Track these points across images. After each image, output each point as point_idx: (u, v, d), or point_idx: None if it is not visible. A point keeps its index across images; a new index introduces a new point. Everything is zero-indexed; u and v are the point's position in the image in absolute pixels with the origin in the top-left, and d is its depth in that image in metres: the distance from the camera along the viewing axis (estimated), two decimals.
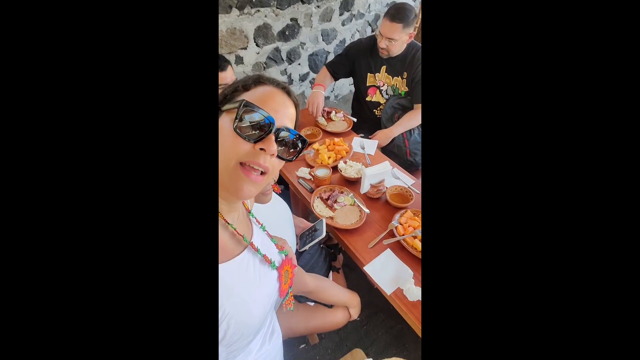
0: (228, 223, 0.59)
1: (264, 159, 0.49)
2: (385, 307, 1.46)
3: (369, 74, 1.64)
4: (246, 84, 0.54)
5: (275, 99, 0.53)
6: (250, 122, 0.49)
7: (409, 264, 1.01)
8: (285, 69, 2.51)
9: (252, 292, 0.58)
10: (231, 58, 2.22)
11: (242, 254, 0.60)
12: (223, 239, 0.57)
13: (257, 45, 2.26)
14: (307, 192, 1.28)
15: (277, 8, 2.19)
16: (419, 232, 1.06)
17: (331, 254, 1.18)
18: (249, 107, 0.49)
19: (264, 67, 2.39)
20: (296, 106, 0.57)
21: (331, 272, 1.15)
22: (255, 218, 0.70)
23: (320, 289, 0.95)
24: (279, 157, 0.51)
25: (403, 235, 1.07)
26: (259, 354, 0.68)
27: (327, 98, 3.01)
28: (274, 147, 0.49)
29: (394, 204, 1.18)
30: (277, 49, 2.36)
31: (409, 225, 1.09)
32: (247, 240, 0.62)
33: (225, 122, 0.50)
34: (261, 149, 0.49)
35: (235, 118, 0.48)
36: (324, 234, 1.05)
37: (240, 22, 2.11)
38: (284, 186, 1.49)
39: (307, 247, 1.06)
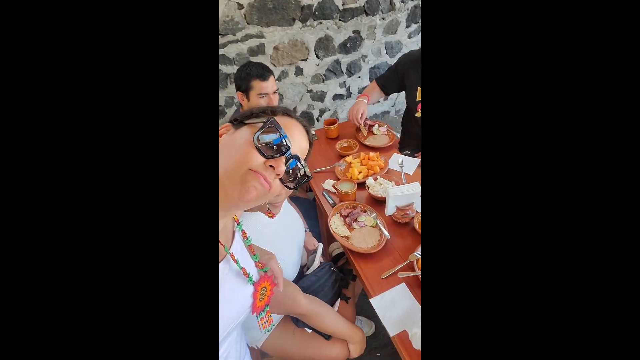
0: None
1: (270, 175, 0.52)
2: None
3: (419, 87, 1.49)
4: (274, 111, 0.59)
5: (295, 131, 0.58)
6: (269, 140, 0.52)
7: None
8: (345, 82, 2.48)
9: (220, 304, 0.55)
10: (291, 69, 2.29)
11: (221, 263, 0.58)
12: None
13: (317, 57, 2.29)
14: (329, 206, 1.20)
15: (339, 20, 2.19)
16: None
17: (343, 279, 1.07)
18: (274, 125, 0.53)
19: (323, 79, 2.40)
20: (310, 144, 0.62)
21: (339, 300, 1.04)
22: (243, 230, 0.67)
23: (314, 314, 0.86)
24: (280, 179, 0.54)
25: None
26: None
27: (387, 113, 2.88)
28: (282, 168, 0.52)
29: (421, 232, 1.02)
30: (337, 61, 2.36)
31: None
32: (228, 250, 0.59)
33: (244, 134, 0.54)
34: (271, 166, 0.51)
35: (259, 130, 0.52)
36: (315, 263, 0.96)
37: (302, 34, 2.17)
38: (312, 198, 1.44)
39: (308, 272, 0.99)
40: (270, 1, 2.00)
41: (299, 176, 0.57)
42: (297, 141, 0.57)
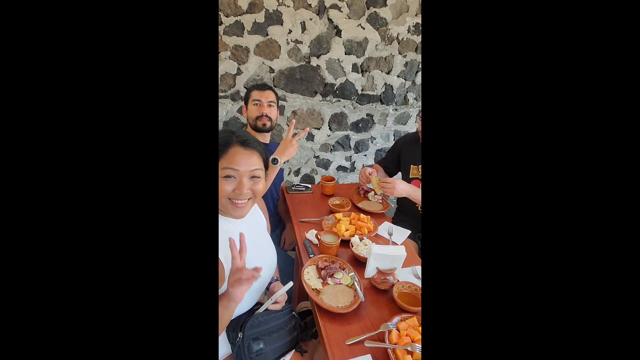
0: None
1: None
2: None
3: (412, 165, 1.54)
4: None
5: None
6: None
7: None
8: (351, 156, 2.60)
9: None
10: (303, 134, 2.44)
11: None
12: None
13: (330, 129, 2.45)
14: (307, 256, 1.12)
15: (356, 102, 2.41)
16: (417, 348, 0.76)
17: (303, 330, 0.93)
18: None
19: (331, 149, 2.52)
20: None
21: (293, 350, 0.88)
22: None
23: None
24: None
25: (395, 344, 0.78)
26: None
27: None
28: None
29: (400, 303, 0.91)
30: (347, 137, 2.51)
31: (408, 334, 0.80)
32: None
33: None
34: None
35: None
36: (270, 304, 0.87)
37: (320, 106, 2.36)
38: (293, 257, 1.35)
39: (261, 309, 0.87)
40: (299, 73, 2.25)
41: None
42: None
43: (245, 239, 0.77)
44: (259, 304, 0.92)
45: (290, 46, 2.17)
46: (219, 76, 2.19)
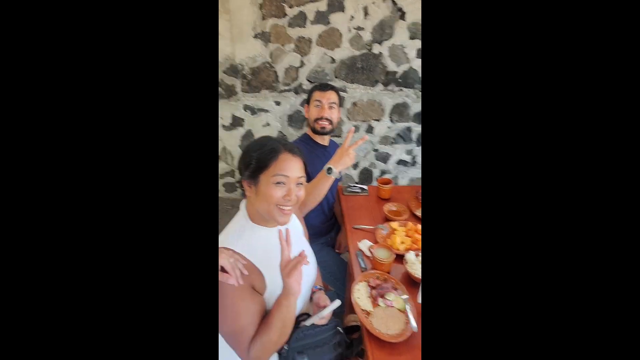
0: None
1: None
2: None
3: None
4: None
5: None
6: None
7: None
8: (412, 150, 2.43)
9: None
10: (363, 126, 2.34)
11: None
12: None
13: (391, 120, 2.32)
14: (359, 269, 1.08)
15: (420, 91, 2.22)
16: None
17: (349, 346, 0.91)
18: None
19: (392, 142, 2.39)
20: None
21: None
22: None
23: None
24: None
25: None
26: None
27: None
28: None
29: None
30: (409, 129, 2.34)
31: None
32: None
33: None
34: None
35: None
36: (318, 319, 0.85)
37: (381, 96, 2.23)
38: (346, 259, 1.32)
39: (307, 322, 0.87)
40: (360, 61, 2.13)
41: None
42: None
43: (290, 235, 0.77)
44: (304, 315, 0.92)
45: (352, 34, 2.06)
46: (284, 69, 2.19)
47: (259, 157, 0.79)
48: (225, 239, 0.82)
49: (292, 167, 0.80)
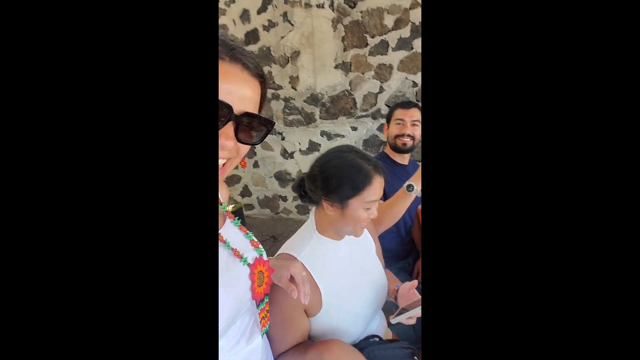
0: None
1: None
2: None
3: None
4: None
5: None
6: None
7: None
8: None
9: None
10: None
11: None
12: None
13: None
14: None
15: None
16: None
17: None
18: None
19: None
20: (261, 82, 0.46)
21: None
22: (227, 210, 0.62)
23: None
24: (242, 142, 0.45)
25: None
26: (230, 353, 0.56)
27: None
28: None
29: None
30: None
31: None
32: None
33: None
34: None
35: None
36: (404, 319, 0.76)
37: None
38: None
39: (397, 320, 0.78)
40: None
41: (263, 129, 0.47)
42: (237, 92, 0.42)
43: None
44: (374, 336, 0.83)
45: None
46: (362, 96, 2.22)
47: (353, 183, 0.73)
48: (292, 245, 0.79)
49: (381, 189, 0.77)
